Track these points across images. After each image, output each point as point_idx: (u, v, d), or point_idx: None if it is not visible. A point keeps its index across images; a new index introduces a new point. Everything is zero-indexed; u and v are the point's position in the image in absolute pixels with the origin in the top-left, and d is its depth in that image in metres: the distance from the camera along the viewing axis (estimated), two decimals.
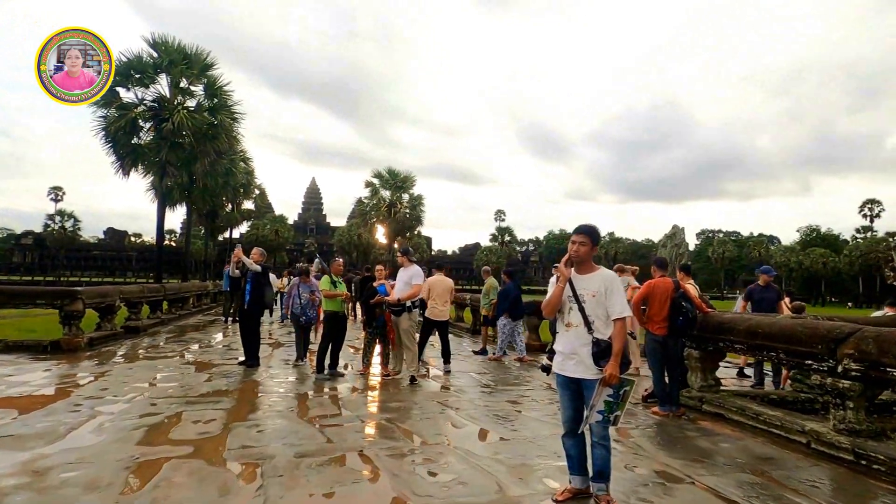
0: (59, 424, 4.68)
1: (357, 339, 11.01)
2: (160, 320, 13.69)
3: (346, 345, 8.24)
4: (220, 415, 5.18)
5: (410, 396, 6.35)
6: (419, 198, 46.21)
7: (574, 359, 3.33)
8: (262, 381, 6.95)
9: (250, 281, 7.81)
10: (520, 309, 10.28)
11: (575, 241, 3.42)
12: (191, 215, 30.72)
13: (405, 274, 7.25)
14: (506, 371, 8.50)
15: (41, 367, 7.50)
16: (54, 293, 9.13)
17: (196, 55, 22.09)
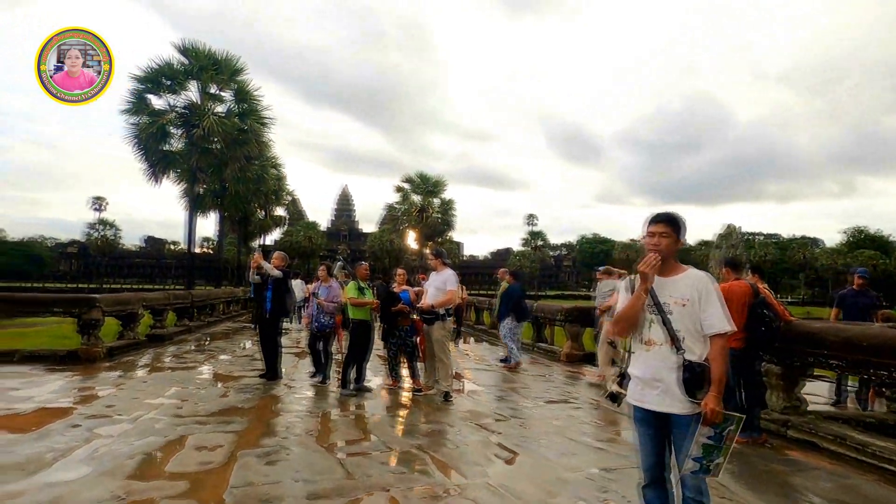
0: (48, 451, 4.12)
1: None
2: (187, 328, 13.32)
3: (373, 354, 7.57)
4: (229, 439, 4.56)
5: (444, 417, 5.63)
6: (450, 202, 45.65)
7: (657, 387, 2.55)
8: (282, 397, 6.33)
9: (271, 287, 7.23)
10: (524, 310, 9.70)
11: (654, 233, 2.64)
12: (223, 222, 30.77)
13: (438, 278, 6.55)
14: (546, 384, 7.70)
15: (52, 379, 7.05)
16: (70, 301, 8.75)
17: (226, 61, 21.98)
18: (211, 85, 21.78)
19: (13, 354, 8.29)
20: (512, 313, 9.49)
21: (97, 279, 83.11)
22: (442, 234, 47.67)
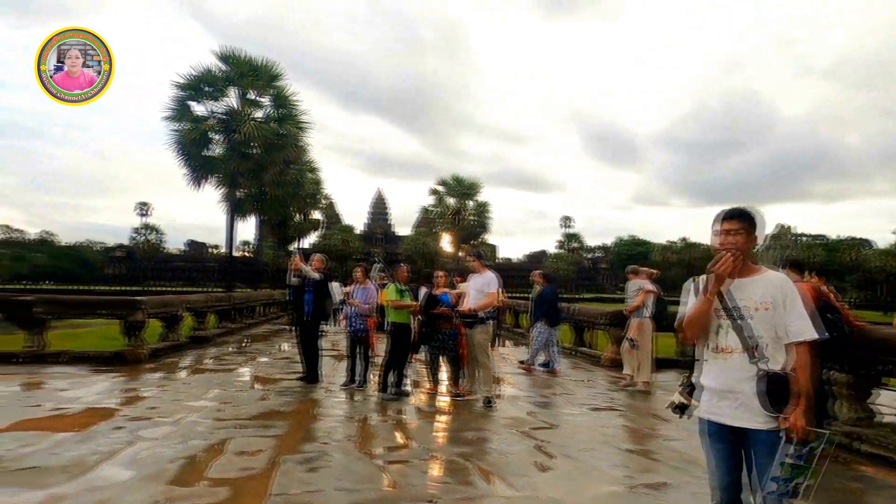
0: (92, 454, 4.11)
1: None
2: (227, 330, 13.50)
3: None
4: (270, 444, 4.48)
5: (487, 424, 5.44)
6: (485, 204, 45.38)
7: (733, 399, 2.31)
8: (321, 401, 6.25)
9: (310, 290, 7.18)
10: (555, 315, 9.48)
11: (727, 231, 2.39)
12: (262, 225, 31.33)
13: (478, 281, 6.37)
14: (589, 390, 7.42)
15: (98, 380, 7.16)
16: (115, 303, 8.92)
17: (264, 67, 22.31)
18: (250, 91, 22.14)
19: (62, 355, 8.48)
20: (544, 317, 9.29)
21: (142, 282, 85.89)
22: (477, 236, 47.45)
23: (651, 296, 8.04)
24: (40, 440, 4.41)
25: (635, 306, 7.95)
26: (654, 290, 8.11)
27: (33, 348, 8.53)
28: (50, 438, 4.46)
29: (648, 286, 8.05)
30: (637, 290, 8.07)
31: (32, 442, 4.36)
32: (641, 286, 8.04)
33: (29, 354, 8.40)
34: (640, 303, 7.92)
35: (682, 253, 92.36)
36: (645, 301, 7.92)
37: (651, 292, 8.04)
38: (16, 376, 7.28)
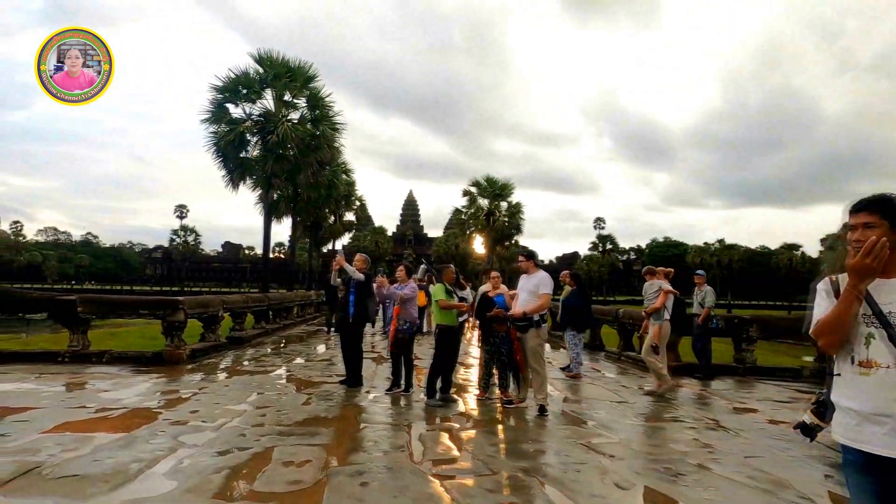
0: (133, 460, 3.90)
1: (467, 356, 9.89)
2: (264, 330, 13.43)
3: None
4: (316, 453, 4.21)
5: (543, 434, 5.08)
6: (518, 205, 44.79)
7: (884, 424, 1.90)
8: (365, 407, 5.98)
9: (353, 291, 6.93)
10: (580, 320, 9.08)
11: (860, 224, 2.00)
12: (296, 227, 31.49)
13: (529, 282, 6.01)
14: (645, 398, 6.97)
15: (139, 381, 7.05)
16: (156, 303, 8.86)
17: (299, 68, 22.37)
18: (285, 92, 22.21)
19: (104, 355, 8.45)
20: (570, 325, 8.99)
21: (179, 282, 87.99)
22: (509, 237, 46.91)
23: (671, 297, 7.69)
24: (82, 445, 4.24)
25: (655, 308, 7.59)
26: (673, 290, 7.77)
27: (77, 347, 8.52)
28: (92, 443, 4.29)
29: (668, 287, 7.69)
30: (656, 291, 7.71)
31: (74, 447, 4.20)
32: (661, 287, 7.67)
33: (72, 354, 8.39)
34: (661, 304, 7.56)
35: (720, 255, 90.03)
36: (664, 303, 7.57)
37: (671, 293, 7.69)
38: (60, 376, 7.24)
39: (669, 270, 8.40)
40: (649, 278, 7.99)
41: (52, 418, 5.03)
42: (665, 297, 7.56)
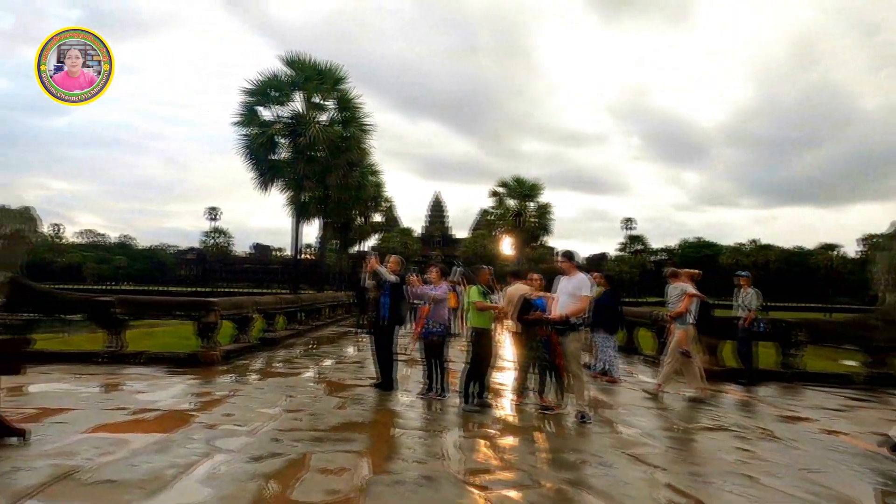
0: (169, 466, 3.84)
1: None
2: (296, 331, 13.47)
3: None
4: (353, 461, 4.09)
5: (586, 444, 4.86)
6: (547, 206, 44.30)
7: None
8: (400, 412, 5.85)
9: (387, 293, 6.81)
10: (616, 322, 8.86)
11: None
12: (325, 228, 31.71)
13: (569, 284, 5.80)
14: (689, 405, 6.68)
15: (174, 382, 7.07)
16: (190, 304, 8.91)
17: (328, 70, 22.49)
18: (315, 94, 22.35)
19: (140, 356, 8.53)
20: (601, 327, 8.70)
21: (212, 283, 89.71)
22: (537, 238, 46.50)
23: (695, 300, 7.39)
24: (118, 448, 4.20)
25: (679, 312, 7.32)
26: (698, 293, 7.46)
27: (113, 348, 8.61)
28: (127, 447, 4.25)
29: (692, 290, 7.38)
30: (680, 294, 7.43)
31: (110, 450, 4.16)
32: (684, 290, 7.37)
33: (109, 354, 8.49)
34: (685, 308, 7.27)
35: (756, 256, 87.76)
36: (689, 306, 7.28)
37: (695, 296, 7.38)
38: (97, 377, 7.31)
39: (696, 272, 8.13)
40: (673, 281, 7.74)
41: (89, 420, 5.03)
42: (689, 301, 7.30)
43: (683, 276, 7.73)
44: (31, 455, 4.00)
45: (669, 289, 7.78)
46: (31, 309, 8.70)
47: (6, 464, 3.78)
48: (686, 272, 7.90)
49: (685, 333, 7.26)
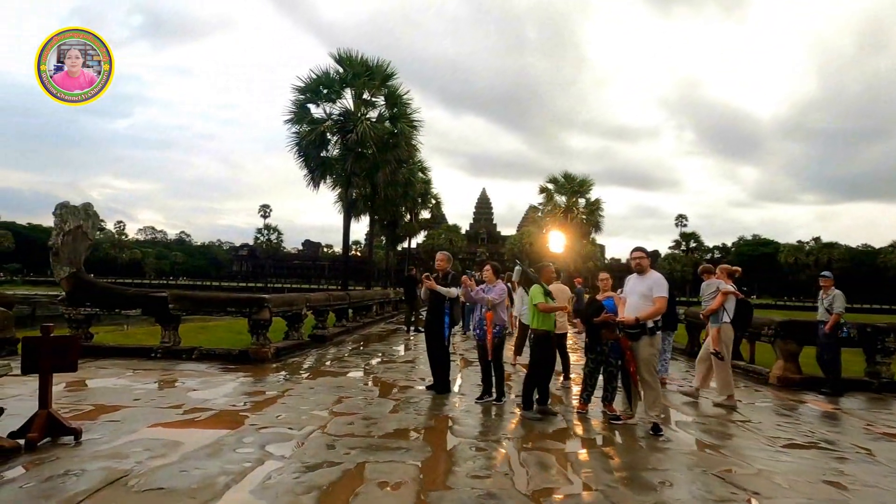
0: (221, 472, 3.65)
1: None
2: (345, 329, 13.39)
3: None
4: (411, 474, 3.80)
5: (664, 461, 4.41)
6: (597, 202, 43.26)
7: None
8: (456, 417, 5.53)
9: (449, 303, 6.53)
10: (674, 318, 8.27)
11: None
12: (373, 225, 31.81)
13: (642, 283, 5.34)
14: (771, 416, 6.08)
15: (227, 380, 6.99)
16: (242, 301, 8.87)
17: (377, 67, 22.41)
18: (364, 91, 22.30)
19: (193, 351, 8.55)
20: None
21: (263, 279, 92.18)
22: (587, 235, 45.47)
23: (731, 298, 6.90)
24: (170, 451, 4.05)
25: (712, 310, 6.89)
26: (733, 290, 6.96)
27: (168, 344, 8.67)
28: (179, 450, 4.09)
29: (727, 287, 6.88)
30: (714, 291, 6.96)
31: (162, 452, 4.02)
32: (718, 287, 6.90)
33: (164, 350, 8.54)
34: (718, 306, 6.80)
35: (818, 254, 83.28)
36: (724, 304, 6.80)
37: (730, 293, 6.89)
38: (152, 372, 7.32)
39: (735, 269, 7.66)
40: (706, 277, 7.32)
41: (143, 419, 4.94)
42: (723, 298, 6.84)
43: (721, 272, 7.26)
44: (84, 456, 3.89)
45: (703, 286, 7.41)
46: (92, 304, 8.84)
47: (59, 466, 3.67)
48: (724, 268, 7.44)
49: (718, 332, 6.83)
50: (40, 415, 4.14)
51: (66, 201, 8.68)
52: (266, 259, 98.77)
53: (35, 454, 3.89)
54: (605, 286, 6.09)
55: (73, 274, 8.69)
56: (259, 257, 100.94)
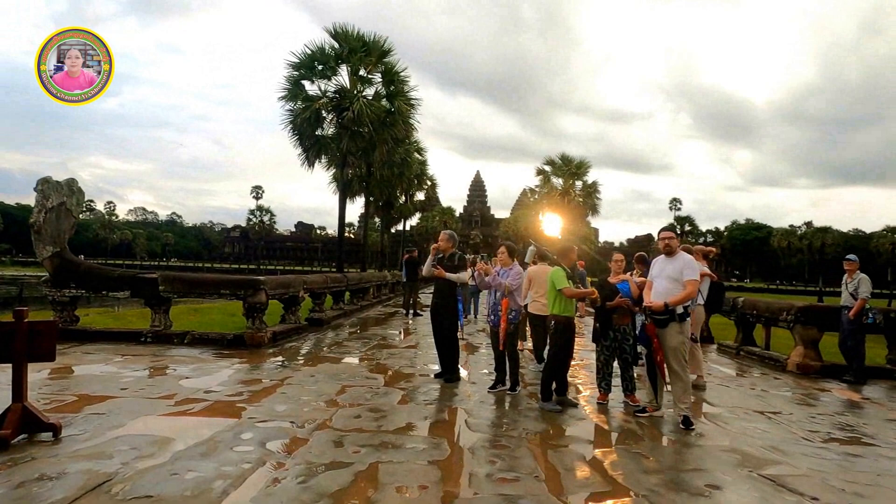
0: (217, 476, 3.24)
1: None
2: (342, 311, 12.97)
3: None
4: (431, 476, 3.40)
5: (704, 459, 4.04)
6: (594, 185, 42.79)
7: None
8: (471, 410, 5.14)
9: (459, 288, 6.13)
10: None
11: None
12: (368, 206, 31.28)
13: (671, 265, 4.94)
14: (800, 408, 5.75)
15: (221, 367, 6.57)
16: (237, 283, 8.40)
17: (374, 42, 21.70)
18: (360, 67, 21.62)
19: (185, 336, 8.11)
20: None
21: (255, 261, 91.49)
22: (584, 218, 45.14)
23: (706, 280, 6.69)
24: (160, 450, 3.64)
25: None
26: (708, 272, 6.78)
27: (158, 327, 8.22)
28: (170, 448, 3.68)
29: (703, 269, 6.60)
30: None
31: (151, 452, 3.60)
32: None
33: (155, 333, 8.10)
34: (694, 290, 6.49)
35: (813, 239, 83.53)
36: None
37: (706, 275, 6.67)
38: (142, 358, 6.89)
39: (710, 250, 7.55)
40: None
41: (131, 411, 4.53)
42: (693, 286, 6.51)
43: (696, 254, 6.89)
44: (63, 456, 3.47)
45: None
46: (77, 285, 8.36)
47: (33, 469, 3.25)
48: (699, 249, 7.15)
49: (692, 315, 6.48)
50: (14, 409, 3.71)
51: (49, 176, 8.15)
52: (258, 241, 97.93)
53: (7, 454, 3.46)
54: (617, 268, 5.68)
55: (57, 253, 8.18)
56: (251, 239, 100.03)
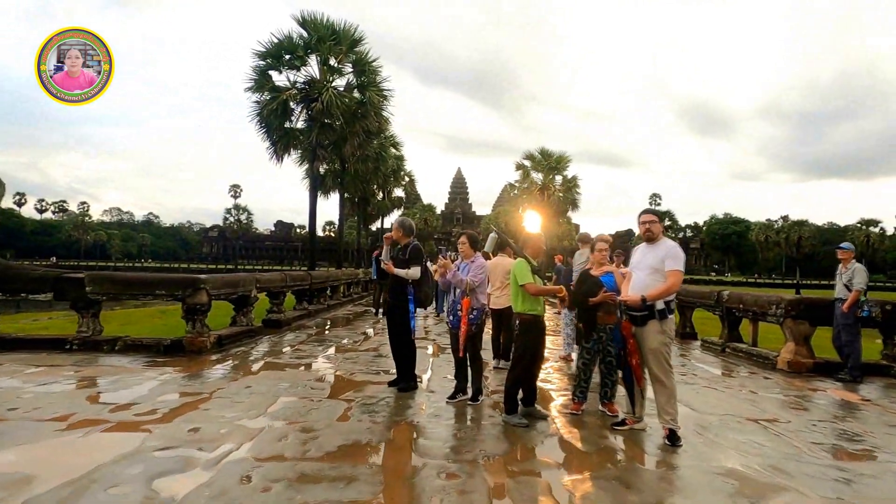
0: None
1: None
2: (306, 312, 12.15)
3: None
4: None
5: (694, 487, 3.35)
6: (574, 179, 42.21)
7: None
8: (422, 426, 4.40)
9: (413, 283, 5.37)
10: None
11: None
12: (343, 203, 30.36)
13: (651, 254, 4.24)
14: (795, 413, 5.12)
15: (146, 378, 5.75)
16: (174, 282, 7.52)
17: (344, 31, 20.83)
18: (330, 57, 20.75)
19: (116, 342, 7.26)
20: None
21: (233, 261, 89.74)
22: (564, 213, 44.62)
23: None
24: (9, 496, 2.85)
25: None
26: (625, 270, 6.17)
27: (86, 333, 7.35)
28: (23, 492, 2.89)
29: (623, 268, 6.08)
30: (584, 262, 6.28)
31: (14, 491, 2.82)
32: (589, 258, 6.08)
33: (81, 340, 7.23)
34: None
35: (791, 232, 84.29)
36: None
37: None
38: (58, 369, 6.03)
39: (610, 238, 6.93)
40: (582, 247, 6.67)
41: (10, 438, 3.73)
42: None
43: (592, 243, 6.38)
44: None
45: (576, 255, 6.90)
46: None
47: None
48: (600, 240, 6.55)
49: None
50: None
51: None
52: (236, 240, 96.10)
53: None
54: (600, 259, 4.96)
55: None
56: (229, 238, 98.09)
